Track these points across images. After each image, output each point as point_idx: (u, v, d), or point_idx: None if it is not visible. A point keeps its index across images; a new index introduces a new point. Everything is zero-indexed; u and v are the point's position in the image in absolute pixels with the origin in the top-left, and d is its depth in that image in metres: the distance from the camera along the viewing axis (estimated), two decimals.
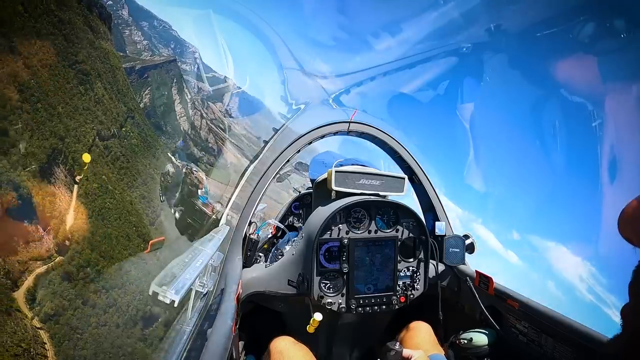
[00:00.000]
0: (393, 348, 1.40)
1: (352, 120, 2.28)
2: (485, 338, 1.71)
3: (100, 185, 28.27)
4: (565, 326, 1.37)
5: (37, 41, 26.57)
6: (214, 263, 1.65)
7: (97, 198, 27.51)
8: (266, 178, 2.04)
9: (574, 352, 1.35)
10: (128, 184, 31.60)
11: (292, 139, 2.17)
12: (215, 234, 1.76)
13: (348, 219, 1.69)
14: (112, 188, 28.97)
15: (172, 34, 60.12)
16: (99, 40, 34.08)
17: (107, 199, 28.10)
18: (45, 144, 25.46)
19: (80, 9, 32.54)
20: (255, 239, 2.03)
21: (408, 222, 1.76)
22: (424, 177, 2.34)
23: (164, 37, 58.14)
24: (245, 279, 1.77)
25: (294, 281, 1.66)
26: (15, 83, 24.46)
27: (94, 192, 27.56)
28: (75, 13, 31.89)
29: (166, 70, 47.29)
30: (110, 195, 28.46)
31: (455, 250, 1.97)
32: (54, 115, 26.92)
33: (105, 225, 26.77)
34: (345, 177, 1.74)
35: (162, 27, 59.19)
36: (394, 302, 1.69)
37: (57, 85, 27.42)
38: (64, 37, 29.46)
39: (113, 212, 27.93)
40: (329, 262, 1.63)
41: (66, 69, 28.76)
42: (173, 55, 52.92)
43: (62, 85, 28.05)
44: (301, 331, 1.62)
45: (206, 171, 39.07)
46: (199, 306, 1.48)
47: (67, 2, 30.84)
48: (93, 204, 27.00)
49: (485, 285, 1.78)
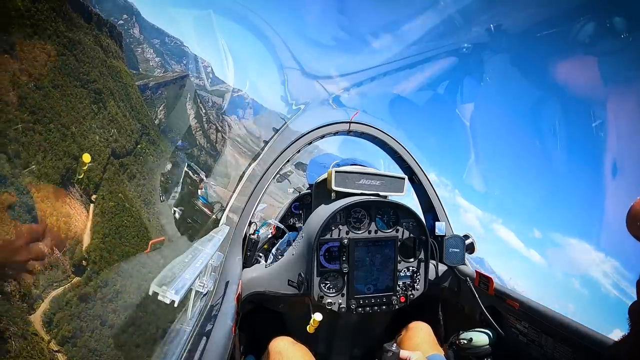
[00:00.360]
0: (390, 349, 1.41)
1: (352, 120, 2.28)
2: (485, 338, 1.71)
3: (117, 203, 28.07)
4: (566, 326, 1.37)
5: (48, 62, 26.40)
6: (214, 263, 1.65)
7: (114, 217, 27.27)
8: (266, 178, 2.04)
9: (574, 353, 1.34)
10: (145, 201, 31.47)
11: (292, 139, 2.17)
12: (215, 234, 1.76)
13: (348, 219, 1.69)
14: (129, 206, 28.75)
15: (183, 49, 60.59)
16: (110, 59, 33.99)
17: (124, 217, 27.87)
18: (59, 164, 25.21)
19: (90, 29, 32.39)
20: (255, 239, 2.03)
21: (408, 222, 1.76)
22: (424, 177, 2.34)
23: (175, 53, 58.53)
24: (245, 279, 1.77)
25: (294, 281, 1.66)
26: (26, 105, 24.34)
27: (111, 211, 27.33)
28: (85, 33, 31.73)
29: (180, 85, 47.45)
30: (127, 213, 28.25)
31: (455, 250, 1.97)
32: (67, 135, 26.69)
33: (123, 244, 26.54)
34: (345, 177, 1.74)
35: (174, 43, 59.78)
36: (394, 302, 1.68)
37: (69, 105, 27.25)
38: (75, 57, 29.24)
39: (130, 230, 27.70)
40: (329, 262, 1.63)
41: (78, 88, 28.56)
42: (186, 70, 53.32)
43: (75, 105, 27.85)
44: (301, 331, 1.62)
45: (206, 171, 39.30)
46: (199, 306, 1.48)
47: (76, 23, 30.72)
48: (110, 223, 26.76)
49: (485, 285, 1.78)
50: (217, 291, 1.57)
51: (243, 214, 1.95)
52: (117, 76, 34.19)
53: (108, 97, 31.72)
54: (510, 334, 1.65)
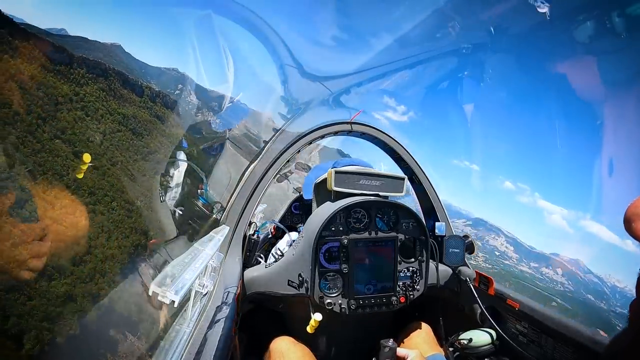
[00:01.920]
0: (387, 345, 1.42)
1: (353, 120, 2.28)
2: (485, 338, 1.71)
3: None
4: (566, 327, 1.37)
5: (104, 141, 25.84)
6: (214, 263, 1.65)
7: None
8: (266, 178, 2.04)
9: (574, 353, 1.35)
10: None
11: (293, 139, 2.17)
12: (215, 234, 1.76)
13: (348, 219, 1.69)
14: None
15: (242, 107, 61.26)
16: (169, 128, 33.68)
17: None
18: (126, 242, 24.99)
19: (143, 102, 32.07)
20: (255, 240, 2.03)
21: (408, 222, 1.76)
22: (424, 178, 2.35)
23: (236, 111, 58.72)
24: (245, 280, 1.77)
25: (294, 281, 1.66)
26: (84, 186, 24.00)
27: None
28: (138, 107, 31.38)
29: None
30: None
31: (455, 250, 1.97)
32: (133, 211, 26.42)
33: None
34: (345, 177, 1.74)
35: (232, 103, 60.56)
36: (394, 302, 1.68)
37: (132, 179, 27.06)
38: (132, 131, 28.96)
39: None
40: (329, 262, 1.63)
41: (139, 162, 28.42)
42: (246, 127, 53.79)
43: (138, 178, 27.73)
44: (301, 331, 1.62)
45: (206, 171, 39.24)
46: (199, 307, 1.48)
47: (128, 99, 30.42)
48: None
49: (486, 285, 1.78)
50: (217, 291, 1.57)
51: (243, 214, 1.95)
52: (177, 142, 34.02)
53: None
54: (510, 334, 1.65)
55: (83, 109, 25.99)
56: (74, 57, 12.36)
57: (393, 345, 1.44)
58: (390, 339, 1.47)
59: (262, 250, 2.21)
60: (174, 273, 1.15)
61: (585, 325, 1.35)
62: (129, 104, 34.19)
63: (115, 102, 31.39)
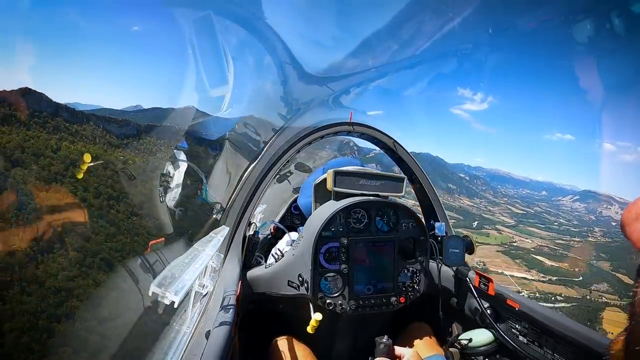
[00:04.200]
0: (382, 341, 1.43)
1: (350, 120, 2.29)
2: (485, 338, 1.72)
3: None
4: (566, 327, 1.37)
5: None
6: (214, 264, 1.65)
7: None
8: (266, 179, 2.04)
9: (574, 353, 1.35)
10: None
11: (292, 139, 2.17)
12: (215, 234, 1.76)
13: (348, 219, 1.69)
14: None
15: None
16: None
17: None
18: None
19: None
20: (255, 240, 2.03)
21: (408, 222, 1.76)
22: (423, 178, 2.35)
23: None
24: (245, 280, 1.77)
25: (294, 282, 1.66)
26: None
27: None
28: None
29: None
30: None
31: (455, 251, 1.97)
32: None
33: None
34: (344, 177, 1.74)
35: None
36: (393, 302, 1.69)
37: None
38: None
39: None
40: (329, 262, 1.63)
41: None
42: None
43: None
44: (301, 331, 1.62)
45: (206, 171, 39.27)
46: (199, 307, 1.48)
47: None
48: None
49: (485, 285, 1.78)
50: (216, 292, 1.57)
51: (243, 214, 1.95)
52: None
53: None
54: (510, 334, 1.65)
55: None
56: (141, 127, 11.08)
57: (388, 342, 1.45)
58: (385, 336, 1.48)
59: (262, 251, 2.21)
60: (174, 273, 1.15)
61: (585, 326, 1.36)
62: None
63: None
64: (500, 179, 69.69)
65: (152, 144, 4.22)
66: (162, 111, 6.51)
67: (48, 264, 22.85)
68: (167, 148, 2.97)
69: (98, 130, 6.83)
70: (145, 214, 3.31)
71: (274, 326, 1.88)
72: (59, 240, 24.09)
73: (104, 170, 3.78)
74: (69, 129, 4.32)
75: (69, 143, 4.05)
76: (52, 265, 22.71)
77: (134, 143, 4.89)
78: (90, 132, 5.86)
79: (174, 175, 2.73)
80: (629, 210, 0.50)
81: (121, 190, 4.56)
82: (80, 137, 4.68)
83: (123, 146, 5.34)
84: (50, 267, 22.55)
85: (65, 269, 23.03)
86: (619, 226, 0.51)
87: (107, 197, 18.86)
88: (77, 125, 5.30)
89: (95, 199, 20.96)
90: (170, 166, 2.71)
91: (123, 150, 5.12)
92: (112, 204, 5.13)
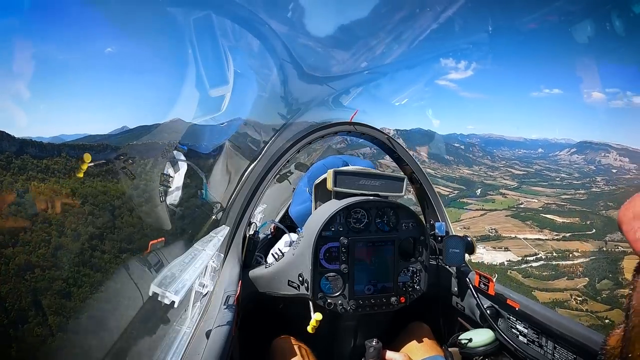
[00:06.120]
0: (371, 345, 1.44)
1: (352, 120, 2.29)
2: (485, 338, 1.71)
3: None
4: (566, 327, 1.37)
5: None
6: (214, 264, 1.65)
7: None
8: (266, 179, 2.04)
9: (574, 354, 1.35)
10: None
11: (292, 139, 2.17)
12: (215, 234, 1.76)
13: (348, 219, 1.69)
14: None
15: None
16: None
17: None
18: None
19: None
20: (255, 240, 2.03)
21: (408, 222, 1.76)
22: (423, 178, 2.35)
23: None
24: (245, 280, 1.77)
25: (294, 282, 1.66)
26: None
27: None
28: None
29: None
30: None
31: (455, 250, 1.97)
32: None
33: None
34: (344, 177, 1.74)
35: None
36: (393, 302, 1.69)
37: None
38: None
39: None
40: (328, 262, 1.63)
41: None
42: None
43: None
44: (301, 331, 1.62)
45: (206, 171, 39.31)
46: (199, 307, 1.49)
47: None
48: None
49: (486, 285, 1.78)
50: (217, 292, 1.57)
51: (243, 214, 1.95)
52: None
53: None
54: (510, 334, 1.65)
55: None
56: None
57: (378, 345, 1.46)
58: (374, 339, 1.48)
59: (262, 250, 2.21)
60: (174, 273, 1.15)
61: (585, 326, 1.36)
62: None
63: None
64: (495, 143, 68.96)
65: (136, 165, 4.02)
66: (147, 128, 6.36)
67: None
68: (154, 166, 2.94)
69: (72, 161, 6.41)
70: (136, 249, 3.17)
71: (274, 326, 1.88)
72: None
73: (82, 207, 3.52)
74: (37, 166, 4.05)
75: (39, 182, 3.79)
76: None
77: (114, 168, 4.68)
78: (63, 165, 5.52)
79: (173, 176, 2.73)
80: (625, 208, 0.50)
81: (105, 226, 4.24)
82: (52, 173, 4.37)
83: (103, 174, 5.08)
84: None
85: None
86: (617, 223, 0.51)
87: (89, 237, 17.01)
88: (48, 160, 5.00)
89: (74, 242, 18.05)
90: (169, 167, 2.71)
91: (103, 179, 4.85)
92: (96, 244, 4.70)
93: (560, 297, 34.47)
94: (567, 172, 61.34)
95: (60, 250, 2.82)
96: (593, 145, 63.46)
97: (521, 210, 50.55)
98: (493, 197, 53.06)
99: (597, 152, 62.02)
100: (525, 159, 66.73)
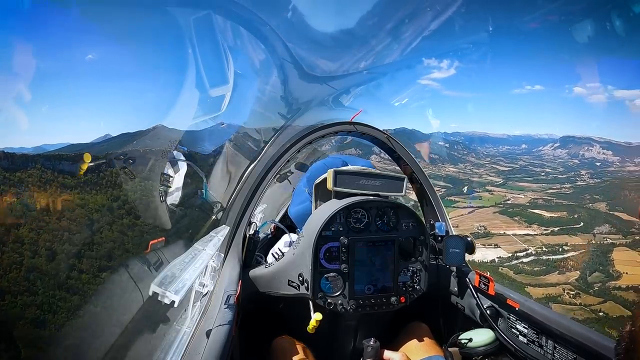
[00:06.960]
0: (369, 344, 1.45)
1: (353, 120, 2.29)
2: (485, 338, 1.71)
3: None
4: (566, 327, 1.37)
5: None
6: (214, 263, 1.65)
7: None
8: (266, 178, 2.04)
9: (574, 354, 1.35)
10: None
11: (293, 139, 2.17)
12: (215, 234, 1.76)
13: (348, 219, 1.69)
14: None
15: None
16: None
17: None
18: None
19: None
20: (255, 239, 2.03)
21: (408, 222, 1.76)
22: (423, 178, 2.35)
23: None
24: (245, 280, 1.77)
25: (294, 282, 1.66)
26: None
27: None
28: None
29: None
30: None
31: (455, 250, 1.97)
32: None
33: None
34: (344, 177, 1.74)
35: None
36: (393, 302, 1.69)
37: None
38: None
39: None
40: (329, 262, 1.63)
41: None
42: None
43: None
44: (301, 331, 1.62)
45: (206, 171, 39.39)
46: (199, 307, 1.49)
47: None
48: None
49: (486, 285, 1.78)
50: (217, 291, 1.57)
51: (243, 214, 1.95)
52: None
53: None
54: (510, 334, 1.65)
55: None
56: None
57: (375, 345, 1.46)
58: (372, 338, 1.48)
59: (262, 250, 2.21)
60: (174, 273, 1.15)
61: (585, 326, 1.36)
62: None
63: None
64: (479, 140, 68.71)
65: (116, 174, 3.80)
66: (130, 135, 6.17)
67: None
68: (136, 173, 2.88)
69: (47, 173, 6.07)
70: (117, 265, 3.03)
71: (274, 326, 1.88)
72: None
73: (58, 223, 3.22)
74: (10, 180, 3.79)
75: (11, 197, 3.57)
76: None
77: (94, 178, 4.44)
78: (38, 177, 5.24)
79: (173, 177, 2.73)
80: None
81: (83, 243, 3.90)
82: (26, 186, 4.12)
83: (81, 186, 4.79)
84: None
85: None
86: (637, 215, 0.52)
87: (65, 256, 16.34)
88: (21, 173, 4.72)
89: (49, 262, 16.21)
90: (169, 167, 2.71)
91: (81, 190, 4.57)
92: (74, 263, 4.34)
93: (553, 292, 34.34)
94: (551, 167, 61.16)
95: (34, 273, 2.66)
96: (576, 139, 63.53)
97: (508, 207, 50.45)
98: (480, 194, 52.92)
99: (581, 146, 62.01)
100: (510, 155, 66.67)
